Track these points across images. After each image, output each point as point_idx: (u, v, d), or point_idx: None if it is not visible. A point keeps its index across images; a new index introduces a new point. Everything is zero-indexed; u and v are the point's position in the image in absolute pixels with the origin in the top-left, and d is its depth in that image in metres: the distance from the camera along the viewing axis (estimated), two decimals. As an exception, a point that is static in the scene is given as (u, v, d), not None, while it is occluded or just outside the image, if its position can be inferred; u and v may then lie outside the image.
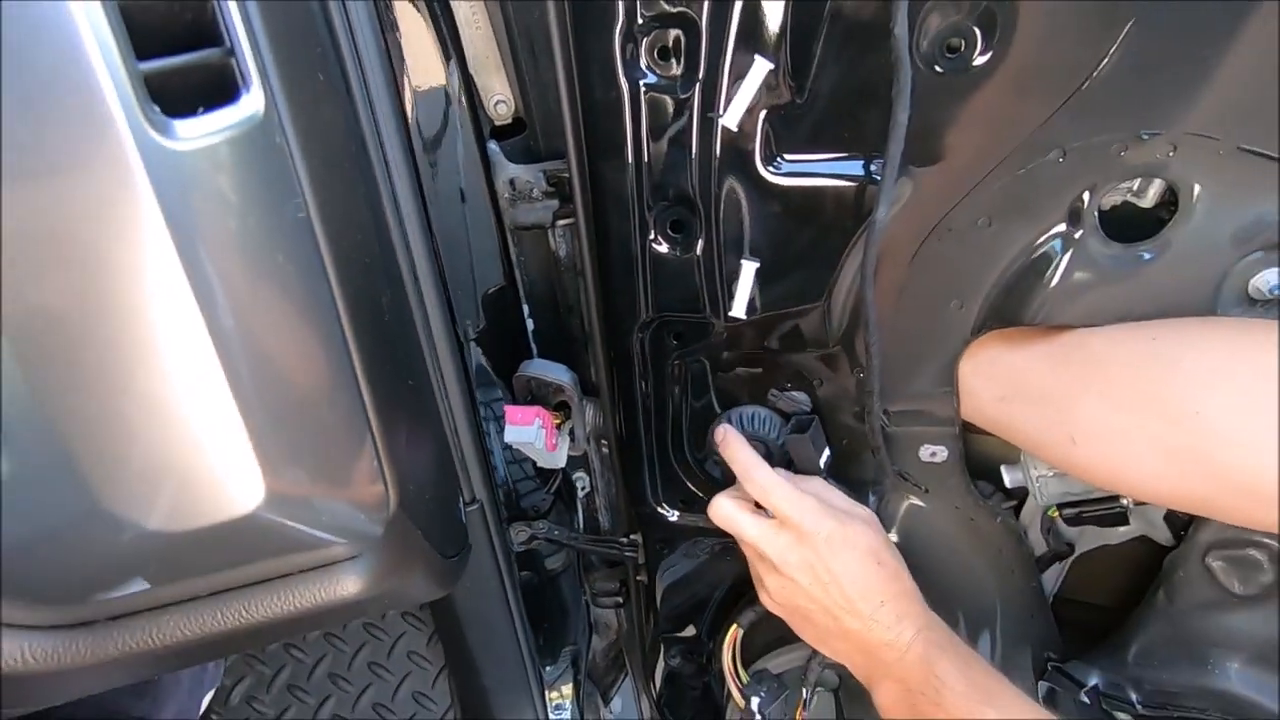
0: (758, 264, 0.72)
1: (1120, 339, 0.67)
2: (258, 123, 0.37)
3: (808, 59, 0.62)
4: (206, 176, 0.36)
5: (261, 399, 0.39)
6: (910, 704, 0.70)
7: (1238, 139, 0.60)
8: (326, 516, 0.44)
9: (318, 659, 1.19)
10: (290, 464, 0.41)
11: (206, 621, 0.44)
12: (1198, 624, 0.77)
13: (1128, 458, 0.66)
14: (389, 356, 0.54)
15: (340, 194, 0.48)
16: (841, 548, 0.72)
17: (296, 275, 0.41)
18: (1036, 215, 0.66)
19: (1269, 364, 0.58)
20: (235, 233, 0.37)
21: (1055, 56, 0.58)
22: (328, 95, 0.50)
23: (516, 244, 0.91)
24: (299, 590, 0.46)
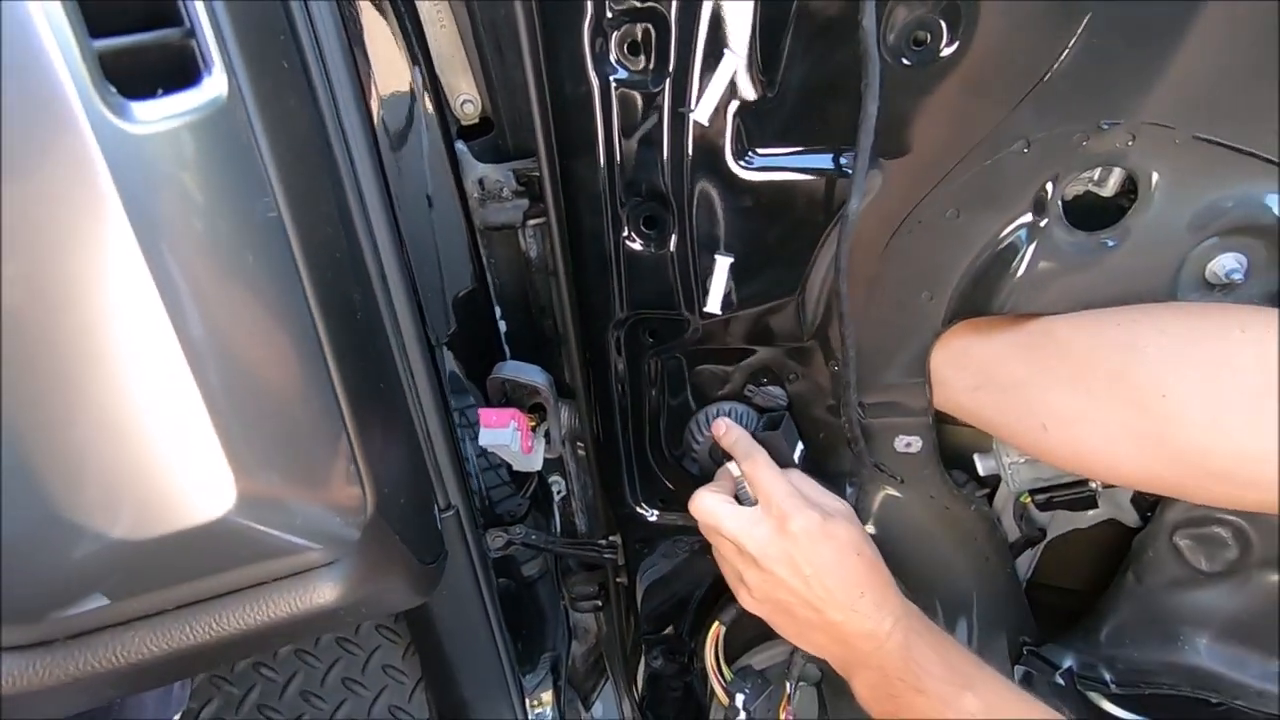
0: (732, 259, 0.72)
1: (1086, 326, 0.68)
2: (221, 107, 0.36)
3: (777, 53, 0.62)
4: (168, 163, 0.34)
5: (231, 397, 0.37)
6: (889, 692, 0.70)
7: (1193, 128, 0.61)
8: (302, 520, 0.42)
9: (289, 677, 1.15)
10: (263, 466, 0.39)
11: (175, 637, 0.42)
12: (1167, 602, 0.79)
13: (1097, 443, 0.67)
14: (362, 357, 0.52)
15: (309, 189, 0.46)
16: (822, 539, 0.73)
17: (266, 270, 0.39)
18: (1003, 205, 0.67)
19: (1228, 348, 0.60)
20: (201, 224, 0.36)
21: (1019, 48, 0.59)
22: (292, 85, 0.48)
23: (486, 245, 0.90)
24: (273, 599, 0.44)
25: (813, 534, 0.72)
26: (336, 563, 0.46)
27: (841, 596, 0.72)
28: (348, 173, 0.65)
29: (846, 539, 0.73)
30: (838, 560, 0.72)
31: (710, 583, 1.02)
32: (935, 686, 0.67)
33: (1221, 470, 0.60)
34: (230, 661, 0.48)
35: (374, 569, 0.49)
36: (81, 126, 0.32)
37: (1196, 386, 0.60)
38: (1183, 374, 0.61)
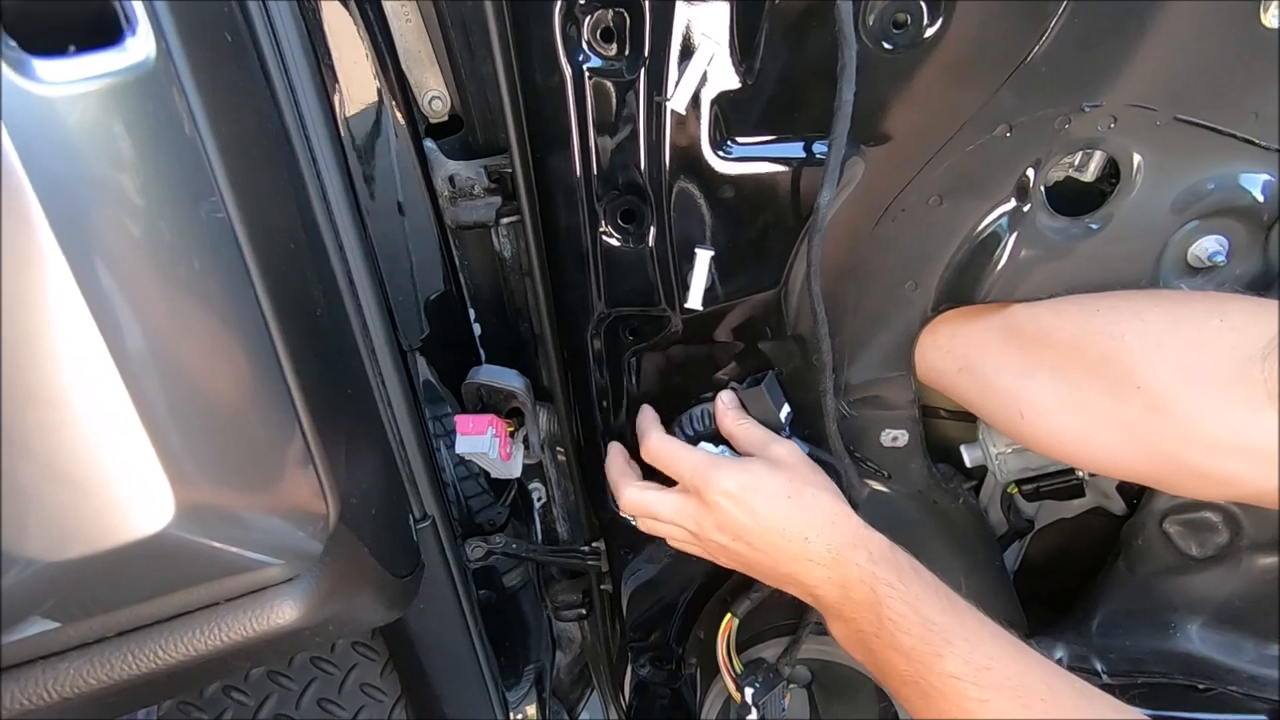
0: (713, 253, 0.70)
1: (1069, 312, 0.68)
2: (146, 73, 0.32)
3: (755, 39, 0.61)
4: (82, 130, 0.30)
5: (166, 400, 0.33)
6: (866, 646, 0.66)
7: (1174, 109, 0.61)
8: (256, 534, 0.39)
9: (262, 700, 1.11)
10: (207, 475, 0.36)
11: (116, 666, 0.38)
12: (1158, 589, 0.78)
13: (1075, 432, 0.66)
14: (324, 360, 0.49)
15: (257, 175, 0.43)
16: (744, 495, 0.69)
17: (204, 259, 0.35)
18: (986, 192, 0.67)
19: (1204, 337, 0.59)
20: (127, 204, 0.32)
21: (1000, 30, 0.58)
22: (238, 62, 0.45)
23: (459, 246, 0.87)
24: (228, 621, 0.40)
25: (732, 494, 0.69)
26: (298, 578, 0.43)
27: (786, 548, 0.68)
28: (310, 170, 0.62)
29: (773, 488, 0.69)
30: (768, 511, 0.68)
31: (697, 587, 1.00)
32: (911, 645, 0.62)
33: (1195, 464, 0.60)
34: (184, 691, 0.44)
35: (340, 584, 0.45)
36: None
37: (1171, 377, 0.59)
38: (1158, 364, 0.60)
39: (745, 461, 0.72)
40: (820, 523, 0.68)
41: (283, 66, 0.57)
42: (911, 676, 0.62)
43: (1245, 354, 0.56)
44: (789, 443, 0.74)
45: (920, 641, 0.61)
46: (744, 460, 0.72)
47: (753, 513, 0.69)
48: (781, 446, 0.73)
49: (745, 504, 0.69)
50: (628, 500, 0.77)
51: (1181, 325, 0.61)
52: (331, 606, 0.44)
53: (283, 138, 0.54)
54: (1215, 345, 0.58)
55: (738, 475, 0.69)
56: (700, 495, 0.71)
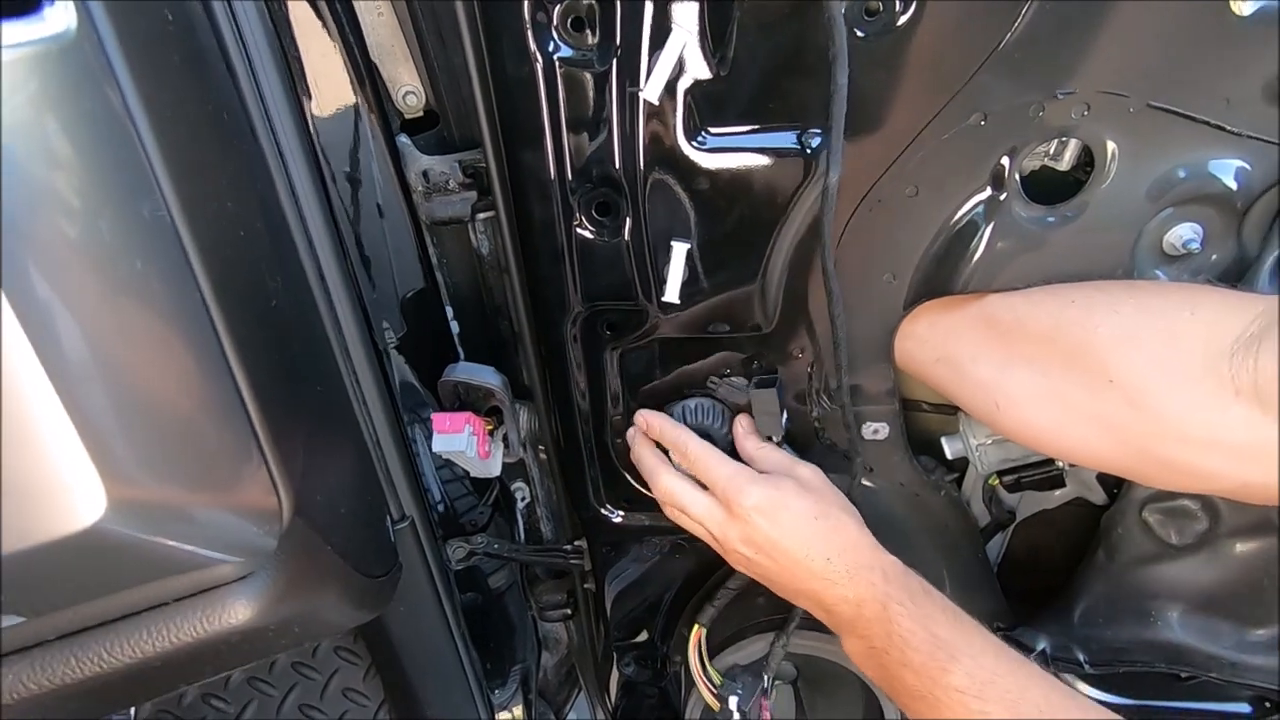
0: (689, 245, 0.70)
1: (1041, 302, 0.68)
2: (67, 44, 0.31)
3: (728, 28, 0.60)
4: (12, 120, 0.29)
5: (94, 390, 0.32)
6: (878, 662, 0.69)
7: (1146, 96, 0.61)
8: (201, 529, 0.37)
9: (242, 706, 1.09)
10: (142, 467, 0.34)
11: (58, 672, 0.36)
12: (1138, 578, 0.78)
13: (1050, 424, 0.67)
14: (280, 353, 0.47)
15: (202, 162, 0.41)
16: (774, 512, 0.71)
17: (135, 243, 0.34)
18: (961, 181, 0.66)
19: (1176, 329, 0.59)
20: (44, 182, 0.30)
21: (973, 17, 0.58)
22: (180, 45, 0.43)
23: (437, 243, 0.86)
24: (177, 621, 0.38)
25: (763, 510, 0.71)
26: (251, 576, 0.41)
27: (809, 565, 0.70)
28: (277, 166, 0.61)
29: (801, 507, 0.71)
30: (795, 530, 0.71)
31: (681, 585, 0.99)
32: (920, 661, 0.64)
33: (1169, 459, 0.60)
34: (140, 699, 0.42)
35: (299, 582, 0.44)
36: None
37: (1144, 371, 0.59)
38: (1131, 357, 0.60)
39: (776, 480, 0.73)
40: (842, 544, 0.70)
41: (247, 60, 0.56)
42: (920, 691, 0.64)
43: (1215, 348, 0.56)
44: (812, 466, 0.76)
45: (928, 657, 0.64)
46: (775, 478, 0.74)
47: (781, 530, 0.71)
48: (806, 469, 0.76)
49: (775, 521, 0.71)
50: (663, 487, 0.78)
51: (1154, 317, 0.61)
52: (290, 605, 0.43)
53: (246, 131, 0.53)
54: (1186, 338, 0.58)
55: (770, 493, 0.71)
56: (730, 507, 0.72)
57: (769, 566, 0.73)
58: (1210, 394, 0.55)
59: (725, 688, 0.87)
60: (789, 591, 0.75)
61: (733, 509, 0.72)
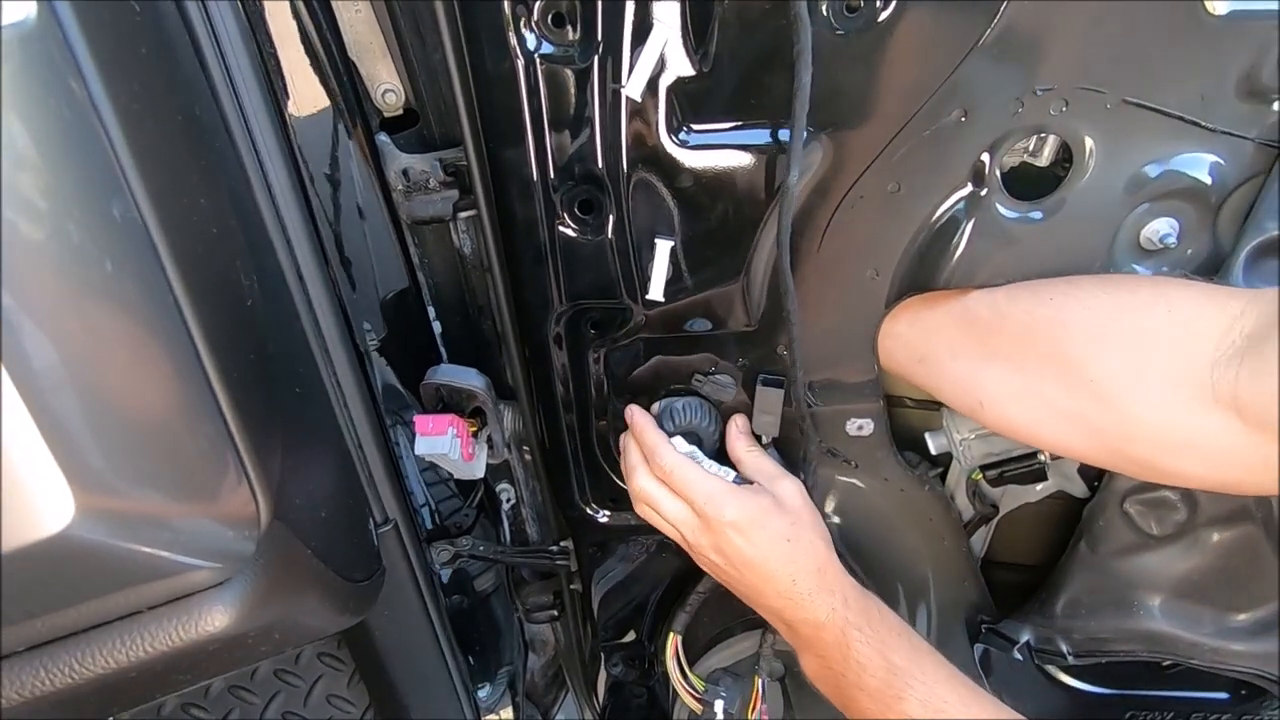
0: (673, 243, 0.70)
1: (1021, 300, 0.68)
2: (27, 32, 0.29)
3: (709, 24, 0.60)
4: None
5: (61, 394, 0.31)
6: (835, 684, 0.70)
7: (1123, 92, 0.62)
8: (176, 535, 0.36)
9: (224, 715, 1.07)
10: (113, 473, 0.33)
11: (28, 684, 0.34)
12: (1120, 568, 0.79)
13: (1031, 420, 0.67)
14: (256, 354, 0.46)
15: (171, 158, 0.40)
16: (749, 530, 0.71)
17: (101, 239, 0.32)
18: (943, 177, 0.67)
19: (1152, 327, 0.59)
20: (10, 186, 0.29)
21: (953, 13, 0.58)
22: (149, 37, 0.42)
23: (418, 243, 0.85)
24: (152, 629, 0.37)
25: (739, 527, 0.71)
26: (229, 582, 0.40)
27: (775, 585, 0.71)
28: (253, 165, 0.60)
29: (774, 527, 0.71)
30: (766, 550, 0.71)
31: (667, 584, 0.99)
32: (875, 686, 0.66)
33: (1143, 458, 0.61)
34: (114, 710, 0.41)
35: (278, 587, 0.43)
36: None
37: (1118, 370, 0.60)
38: (1107, 356, 0.60)
39: (754, 494, 0.73)
40: (809, 567, 0.71)
41: (220, 54, 0.54)
42: (874, 715, 0.66)
43: (1193, 351, 0.56)
44: (795, 481, 0.76)
45: (884, 684, 0.66)
46: (752, 493, 0.73)
47: (754, 548, 0.71)
48: (788, 484, 0.75)
49: (749, 539, 0.71)
50: (637, 485, 0.78)
51: (1128, 314, 0.61)
52: (270, 611, 0.42)
53: (219, 127, 0.52)
54: (1162, 337, 0.58)
55: (746, 509, 0.71)
56: (705, 518, 0.73)
57: (736, 578, 0.74)
58: (1188, 398, 0.56)
59: (709, 692, 0.87)
60: (753, 602, 0.76)
61: (708, 521, 0.72)
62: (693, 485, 0.73)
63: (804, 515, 0.74)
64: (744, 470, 0.77)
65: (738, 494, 0.72)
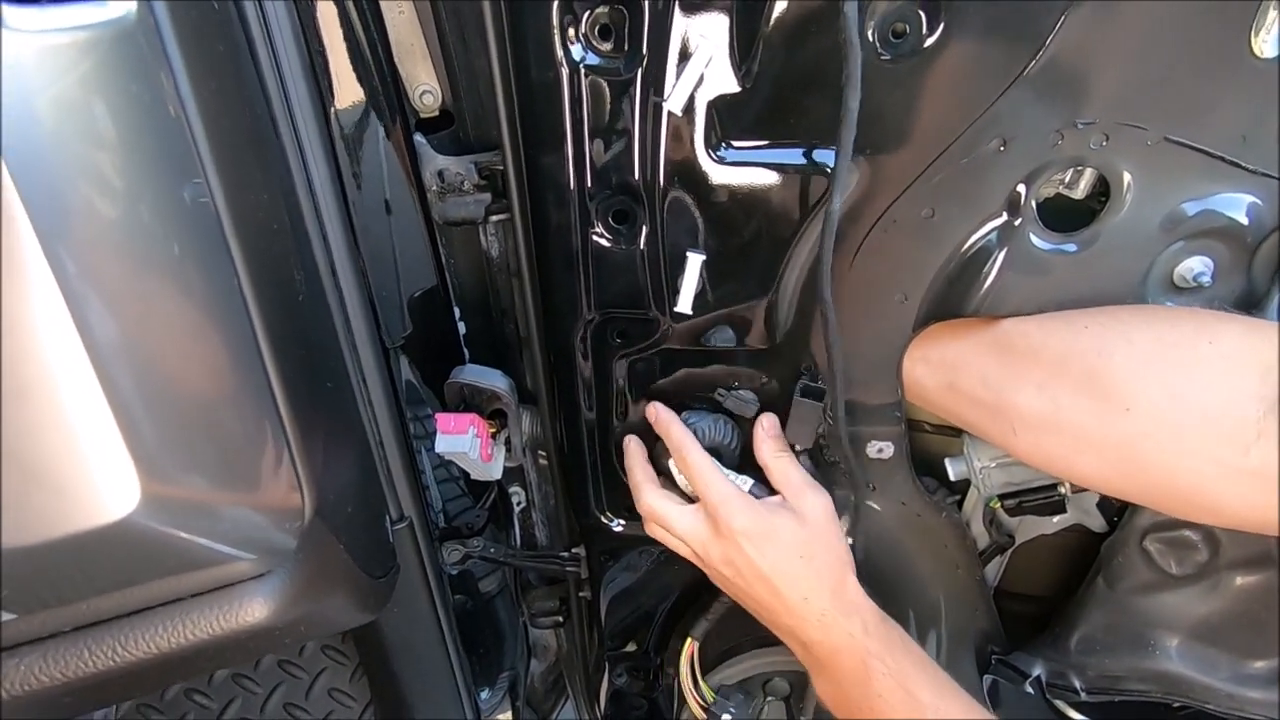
0: (704, 257, 0.70)
1: (1055, 329, 0.68)
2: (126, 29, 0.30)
3: (754, 42, 0.60)
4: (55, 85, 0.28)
5: (135, 382, 0.31)
6: (850, 711, 0.69)
7: (1164, 130, 0.61)
8: (226, 526, 0.36)
9: (225, 704, 1.07)
10: (176, 461, 0.34)
11: (70, 665, 0.35)
12: (1138, 606, 0.79)
13: (1066, 450, 0.66)
14: (305, 349, 0.47)
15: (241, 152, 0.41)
16: (761, 541, 0.69)
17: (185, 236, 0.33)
18: (978, 206, 0.67)
19: (1195, 361, 0.58)
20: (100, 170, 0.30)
21: (998, 43, 0.59)
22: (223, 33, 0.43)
23: (445, 243, 0.86)
24: (193, 617, 0.38)
25: (750, 536, 0.69)
26: (270, 574, 0.40)
27: (785, 601, 0.70)
28: (296, 159, 0.61)
29: (791, 542, 0.70)
30: (779, 565, 0.69)
31: (677, 595, 0.99)
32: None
33: (1185, 491, 0.59)
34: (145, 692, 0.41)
35: (314, 582, 0.43)
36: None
37: (1160, 402, 0.59)
38: (1147, 388, 0.60)
39: (772, 507, 0.71)
40: (822, 587, 0.69)
41: (272, 51, 0.55)
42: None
43: (1237, 384, 0.55)
44: (823, 495, 0.73)
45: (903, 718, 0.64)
46: (771, 505, 0.72)
47: (765, 560, 0.69)
48: (814, 498, 0.73)
49: (760, 550, 0.69)
50: (647, 504, 0.77)
51: (1170, 347, 0.60)
52: (304, 605, 0.42)
53: (268, 123, 0.53)
54: (1205, 370, 0.58)
55: (760, 520, 0.70)
56: (717, 524, 0.71)
57: (747, 591, 0.72)
58: (1231, 432, 0.55)
59: (717, 705, 0.87)
60: (766, 619, 0.74)
61: (719, 527, 0.71)
62: (712, 486, 0.72)
63: (825, 532, 0.72)
64: (770, 476, 0.76)
65: (752, 503, 0.71)
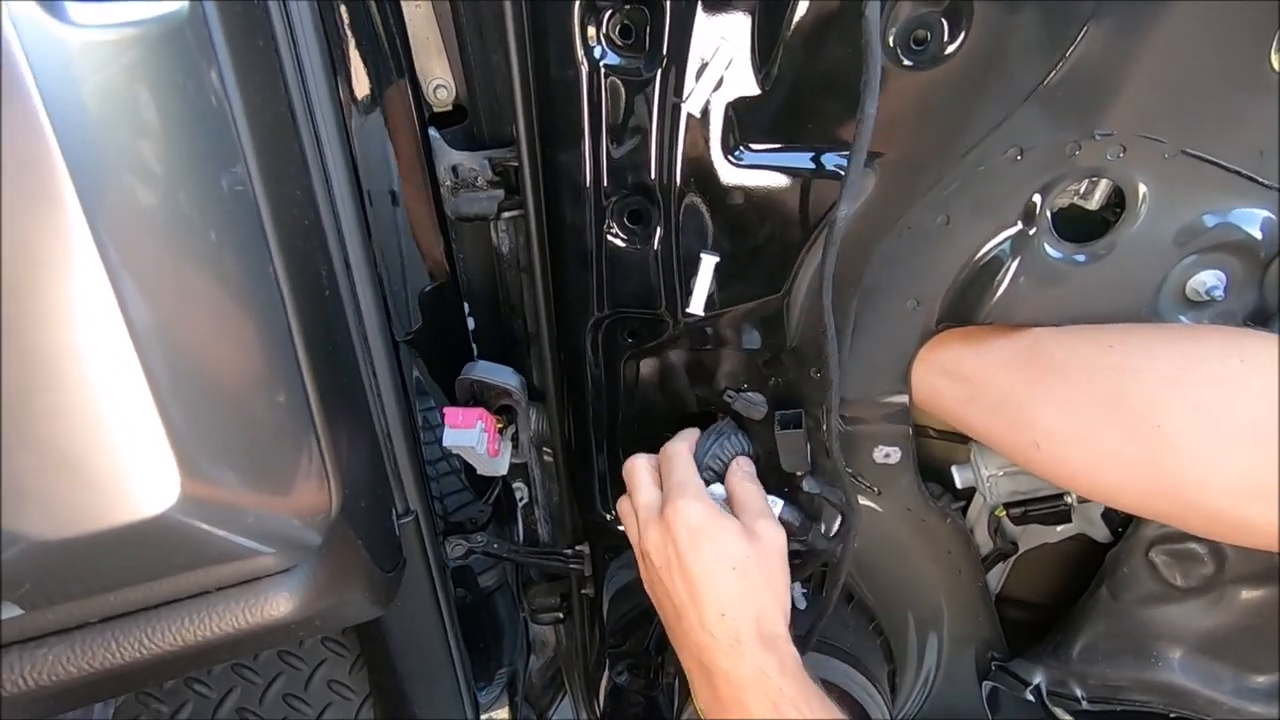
0: (717, 259, 0.70)
1: (1077, 345, 0.67)
2: (180, 23, 0.30)
3: (774, 46, 0.60)
4: (109, 79, 0.28)
5: (180, 379, 0.31)
6: None
7: (1182, 143, 0.62)
8: (257, 521, 0.36)
9: (224, 693, 1.08)
10: (214, 458, 0.34)
11: (98, 655, 0.35)
12: (1142, 617, 0.79)
13: (1090, 466, 0.65)
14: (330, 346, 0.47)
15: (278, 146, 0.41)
16: (697, 535, 0.66)
17: (231, 230, 0.34)
18: (993, 214, 0.67)
19: (1226, 377, 0.58)
20: (151, 162, 0.30)
21: (1019, 52, 0.59)
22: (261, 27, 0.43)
23: (455, 238, 0.86)
24: (217, 611, 0.38)
25: (690, 526, 0.66)
26: (293, 569, 0.40)
27: (700, 609, 0.65)
28: (313, 151, 0.61)
29: (732, 553, 0.65)
30: (709, 568, 0.65)
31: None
32: None
33: (1214, 509, 0.59)
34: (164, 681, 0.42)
35: (335, 577, 0.43)
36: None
37: (1192, 418, 0.58)
38: (1178, 404, 0.59)
39: (726, 515, 0.69)
40: (746, 609, 0.64)
41: (293, 44, 0.55)
42: None
43: (1270, 399, 0.55)
44: (778, 528, 0.70)
45: None
46: (726, 514, 0.69)
47: (694, 555, 0.65)
48: (767, 527, 0.69)
49: (694, 544, 0.66)
50: (629, 464, 0.75)
51: (1198, 363, 0.60)
52: (325, 599, 0.42)
53: (290, 115, 0.53)
54: (1236, 386, 0.57)
55: (706, 518, 0.66)
56: (665, 506, 0.68)
57: (668, 590, 0.68)
58: (1264, 445, 0.55)
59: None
60: (674, 632, 0.69)
61: (666, 509, 0.68)
62: (679, 469, 0.70)
63: (768, 560, 0.67)
64: (732, 502, 0.73)
65: (708, 500, 0.68)
